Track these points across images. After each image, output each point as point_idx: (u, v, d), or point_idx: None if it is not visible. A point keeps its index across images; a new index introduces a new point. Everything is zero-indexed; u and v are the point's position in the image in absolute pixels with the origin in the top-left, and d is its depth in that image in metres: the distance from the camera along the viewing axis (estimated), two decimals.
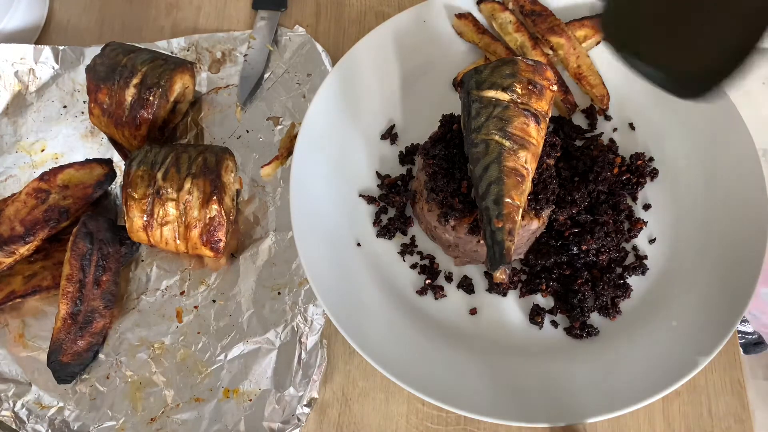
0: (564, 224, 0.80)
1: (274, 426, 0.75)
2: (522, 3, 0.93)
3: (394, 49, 0.92)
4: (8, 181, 0.91)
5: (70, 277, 0.77)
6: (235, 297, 0.83)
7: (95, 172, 0.85)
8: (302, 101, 0.94)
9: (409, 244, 0.84)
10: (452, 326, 0.79)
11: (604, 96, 0.90)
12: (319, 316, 0.80)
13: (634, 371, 0.74)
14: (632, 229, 0.83)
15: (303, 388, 0.77)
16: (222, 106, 0.95)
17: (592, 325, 0.78)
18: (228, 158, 0.83)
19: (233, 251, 0.86)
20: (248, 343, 0.80)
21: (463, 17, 0.93)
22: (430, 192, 0.77)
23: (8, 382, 0.79)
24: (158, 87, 0.85)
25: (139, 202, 0.78)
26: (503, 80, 0.72)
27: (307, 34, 0.99)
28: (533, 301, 0.81)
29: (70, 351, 0.78)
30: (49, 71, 0.97)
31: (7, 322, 0.83)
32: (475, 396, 0.73)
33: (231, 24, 1.03)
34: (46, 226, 0.80)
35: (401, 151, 0.89)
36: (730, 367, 0.80)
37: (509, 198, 0.68)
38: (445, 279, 0.82)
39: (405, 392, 0.79)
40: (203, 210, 0.79)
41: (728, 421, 0.78)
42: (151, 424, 0.77)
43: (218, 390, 0.78)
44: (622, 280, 0.81)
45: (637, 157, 0.86)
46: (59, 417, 0.77)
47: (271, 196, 0.89)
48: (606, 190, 0.82)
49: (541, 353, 0.78)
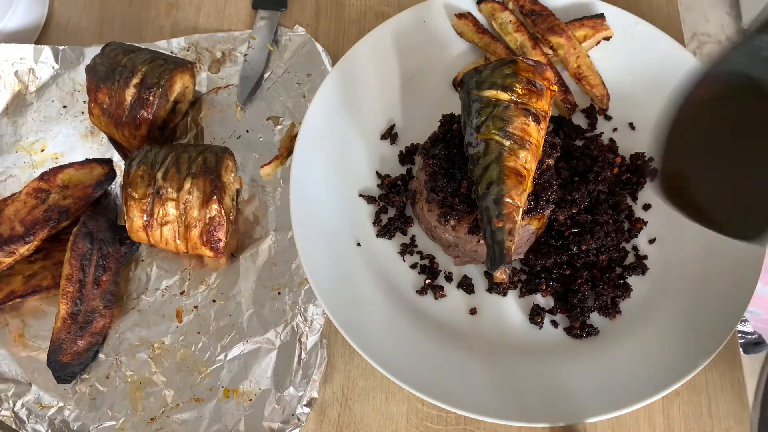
0: (564, 224, 0.80)
1: (274, 426, 0.75)
2: (522, 3, 0.94)
3: (394, 49, 0.92)
4: (8, 181, 0.91)
5: (70, 276, 0.77)
6: (235, 297, 0.83)
7: (95, 172, 0.85)
8: (302, 101, 0.94)
9: (409, 244, 0.84)
10: (452, 326, 0.79)
11: (604, 96, 0.90)
12: (319, 316, 0.80)
13: (634, 371, 0.74)
14: (632, 229, 0.83)
15: (303, 388, 0.77)
16: (222, 106, 0.95)
17: (592, 325, 0.78)
18: (228, 158, 0.83)
19: (233, 251, 0.86)
20: (248, 343, 0.80)
21: (463, 17, 0.93)
22: (430, 192, 0.77)
23: (8, 382, 0.79)
24: (158, 87, 0.85)
25: (139, 202, 0.78)
26: (503, 80, 0.72)
27: (307, 34, 0.99)
28: (533, 301, 0.81)
29: (70, 351, 0.78)
30: (49, 71, 0.97)
31: (7, 322, 0.83)
32: (475, 396, 0.73)
33: (231, 24, 1.03)
34: (46, 226, 0.80)
35: (401, 151, 0.89)
36: (730, 367, 0.80)
37: (509, 198, 0.68)
38: (445, 279, 0.82)
39: (405, 392, 0.79)
40: (203, 210, 0.79)
41: (728, 421, 0.78)
42: (151, 424, 0.77)
43: (218, 390, 0.78)
44: (622, 280, 0.81)
45: (637, 157, 0.86)
46: (59, 417, 0.77)
47: (271, 196, 0.89)
48: (606, 190, 0.83)
49: (541, 353, 0.78)
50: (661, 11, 1.02)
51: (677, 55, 0.90)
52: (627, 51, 0.92)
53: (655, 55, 0.91)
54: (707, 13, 2.46)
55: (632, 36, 0.92)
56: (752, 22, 0.51)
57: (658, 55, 0.91)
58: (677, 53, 0.90)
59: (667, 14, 1.02)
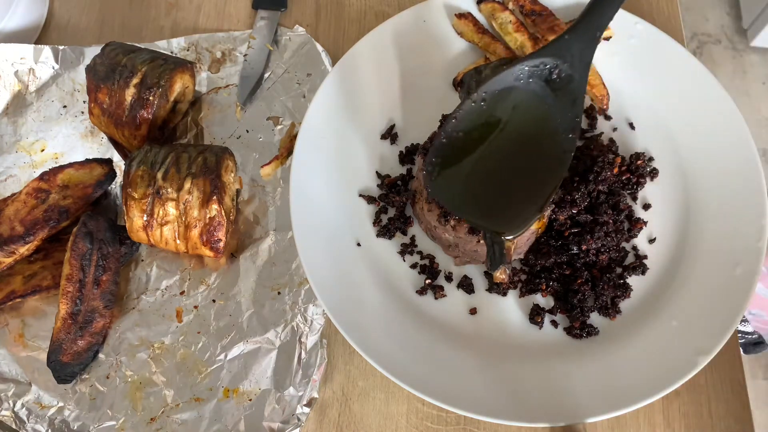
0: (564, 224, 0.80)
1: (274, 426, 0.75)
2: (522, 3, 0.93)
3: (394, 49, 0.92)
4: (8, 181, 0.91)
5: (70, 276, 0.77)
6: (235, 297, 0.83)
7: (95, 172, 0.85)
8: (302, 101, 0.94)
9: (409, 243, 0.84)
10: (452, 326, 0.79)
11: (604, 96, 0.90)
12: (319, 315, 0.80)
13: (634, 371, 0.74)
14: (632, 229, 0.83)
15: (303, 388, 0.77)
16: (222, 105, 0.95)
17: (592, 325, 0.78)
18: (228, 158, 0.83)
19: (233, 251, 0.86)
20: (248, 342, 0.80)
21: (463, 17, 0.93)
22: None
23: (8, 381, 0.79)
24: (158, 87, 0.85)
25: (139, 202, 0.78)
26: None
27: (307, 34, 0.99)
28: (533, 301, 0.81)
29: (70, 351, 0.78)
30: (49, 71, 0.97)
31: (7, 322, 0.83)
32: (475, 396, 0.73)
33: (231, 24, 1.03)
34: (46, 226, 0.80)
35: (401, 151, 0.89)
36: (730, 367, 0.80)
37: None
38: (445, 279, 0.82)
39: (405, 392, 0.79)
40: (203, 210, 0.79)
41: (728, 421, 0.78)
42: (151, 424, 0.77)
43: (218, 390, 0.78)
44: (622, 280, 0.81)
45: (637, 157, 0.86)
46: (59, 417, 0.77)
47: (271, 196, 0.89)
48: (606, 190, 0.82)
49: (541, 353, 0.78)
50: (661, 11, 1.02)
51: (677, 55, 0.90)
52: (627, 51, 0.92)
53: (655, 55, 0.91)
54: (707, 13, 2.46)
55: (632, 36, 0.92)
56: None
57: (658, 55, 0.91)
58: (677, 53, 0.90)
59: (667, 14, 1.02)
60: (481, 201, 0.70)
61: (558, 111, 0.70)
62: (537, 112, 0.71)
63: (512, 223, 0.67)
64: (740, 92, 2.31)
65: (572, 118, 0.70)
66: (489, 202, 0.70)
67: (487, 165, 0.70)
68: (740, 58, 2.37)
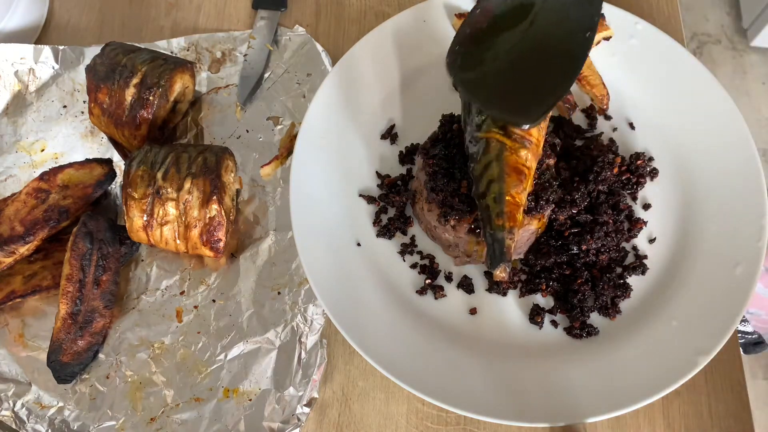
0: (564, 224, 0.80)
1: (274, 426, 0.75)
2: None
3: (394, 49, 0.92)
4: (8, 181, 0.91)
5: (70, 276, 0.77)
6: (235, 297, 0.83)
7: (95, 172, 0.85)
8: (302, 101, 0.94)
9: (409, 243, 0.84)
10: (452, 326, 0.79)
11: (604, 96, 0.90)
12: (319, 315, 0.80)
13: (634, 371, 0.74)
14: (632, 229, 0.83)
15: (303, 388, 0.77)
16: (222, 105, 0.95)
17: (592, 325, 0.78)
18: (228, 158, 0.83)
19: (233, 251, 0.86)
20: (248, 342, 0.80)
21: (463, 17, 0.93)
22: (430, 192, 0.77)
23: (8, 381, 0.79)
24: (158, 87, 0.85)
25: (139, 202, 0.78)
26: None
27: (307, 34, 0.99)
28: (533, 300, 0.81)
29: (70, 351, 0.78)
30: (49, 71, 0.97)
31: (7, 322, 0.83)
32: (475, 396, 0.73)
33: (231, 24, 1.03)
34: (46, 226, 0.80)
35: (401, 151, 0.89)
36: (730, 367, 0.80)
37: (510, 196, 0.68)
38: (445, 279, 0.82)
39: (405, 392, 0.79)
40: (203, 210, 0.79)
41: (728, 421, 0.78)
42: (151, 423, 0.77)
43: (218, 390, 0.78)
44: (622, 280, 0.81)
45: (637, 157, 0.86)
46: (59, 417, 0.77)
47: (271, 196, 0.89)
48: (606, 190, 0.83)
49: (541, 353, 0.78)
50: (661, 11, 1.02)
51: (677, 55, 0.90)
52: (627, 51, 0.92)
53: (655, 54, 0.91)
54: (707, 13, 2.46)
55: (632, 36, 0.92)
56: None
57: (658, 55, 0.91)
58: (677, 53, 0.90)
59: (667, 14, 1.02)
60: (500, 91, 0.71)
61: (577, 7, 0.72)
62: (559, 4, 0.73)
63: (529, 112, 0.68)
64: (740, 92, 2.31)
65: (590, 16, 0.71)
66: (507, 93, 0.71)
67: (510, 56, 0.73)
68: (740, 58, 2.37)
